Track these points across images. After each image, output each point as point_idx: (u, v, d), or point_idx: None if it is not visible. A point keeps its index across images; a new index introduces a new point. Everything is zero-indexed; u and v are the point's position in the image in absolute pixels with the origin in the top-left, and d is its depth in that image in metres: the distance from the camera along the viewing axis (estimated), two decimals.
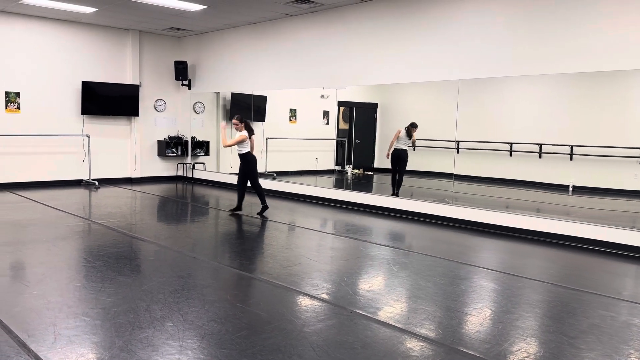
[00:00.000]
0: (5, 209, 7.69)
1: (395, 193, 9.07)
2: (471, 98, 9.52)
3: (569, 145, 8.89)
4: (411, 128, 9.11)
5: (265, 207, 7.75)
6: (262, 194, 7.80)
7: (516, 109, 9.84)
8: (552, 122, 9.36)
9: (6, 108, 9.84)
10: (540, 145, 9.34)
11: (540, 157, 9.40)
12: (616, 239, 6.01)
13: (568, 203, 8.94)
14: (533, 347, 3.28)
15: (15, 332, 3.23)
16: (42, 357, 2.91)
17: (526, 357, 3.11)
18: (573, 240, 6.30)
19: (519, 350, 3.21)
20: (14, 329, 3.28)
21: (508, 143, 9.82)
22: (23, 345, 3.05)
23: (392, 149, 9.17)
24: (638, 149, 7.69)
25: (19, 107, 9.97)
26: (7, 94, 9.84)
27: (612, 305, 4.12)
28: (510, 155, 9.85)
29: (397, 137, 9.06)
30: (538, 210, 8.44)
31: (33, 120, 10.12)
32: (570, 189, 8.99)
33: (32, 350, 2.98)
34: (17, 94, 9.94)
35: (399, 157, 9.17)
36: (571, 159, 8.97)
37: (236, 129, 7.67)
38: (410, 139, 9.15)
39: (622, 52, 5.92)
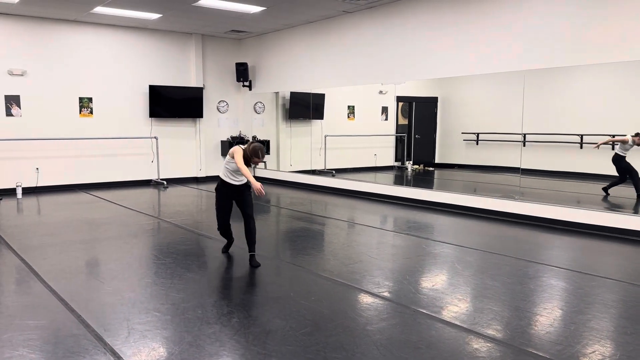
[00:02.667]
0: (81, 209, 8.16)
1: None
2: (538, 89, 9.15)
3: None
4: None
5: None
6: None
7: (586, 99, 9.36)
8: (626, 111, 8.83)
9: (80, 113, 10.42)
10: (613, 137, 8.84)
11: (613, 148, 8.90)
12: None
13: (623, 194, 8.41)
14: (608, 349, 3.11)
15: (93, 326, 3.42)
16: (117, 350, 3.07)
17: (601, 359, 2.96)
18: None
19: (593, 352, 3.06)
20: (91, 323, 3.47)
21: (578, 135, 9.37)
22: (99, 339, 3.22)
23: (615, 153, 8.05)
24: None
25: (91, 112, 10.53)
26: (81, 99, 10.41)
27: None
28: (581, 147, 9.39)
29: (622, 142, 7.93)
30: (612, 205, 7.99)
31: (105, 124, 10.66)
32: None
33: (108, 344, 3.15)
34: (90, 99, 10.50)
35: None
36: None
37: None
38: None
39: None
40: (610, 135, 8.65)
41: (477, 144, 11.41)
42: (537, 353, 3.04)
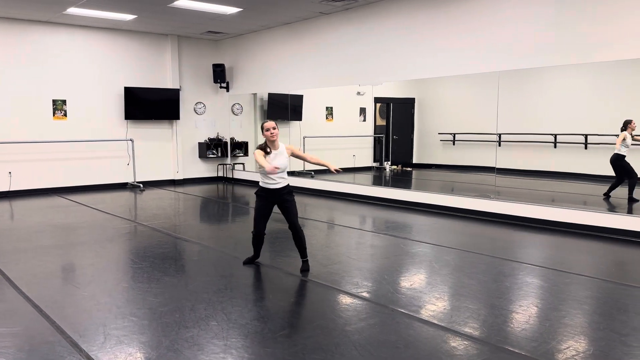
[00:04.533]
0: (55, 213, 8.01)
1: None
2: (512, 90, 9.30)
3: (615, 135, 8.56)
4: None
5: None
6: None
7: (560, 99, 9.55)
8: (598, 111, 9.04)
9: (54, 115, 10.24)
10: (586, 136, 9.03)
11: (586, 148, 9.10)
12: None
13: (616, 195, 8.61)
14: (582, 345, 3.18)
15: (68, 332, 3.36)
16: (92, 356, 3.02)
17: (575, 355, 3.02)
18: (622, 233, 6.07)
19: (568, 348, 3.12)
20: (66, 329, 3.41)
21: (552, 134, 9.55)
22: (75, 346, 3.17)
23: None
24: None
25: (65, 114, 10.35)
26: (55, 101, 10.23)
27: None
28: (555, 146, 9.57)
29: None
30: (585, 203, 8.16)
31: (79, 126, 10.49)
32: None
33: (84, 350, 3.10)
34: (64, 102, 10.32)
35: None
36: None
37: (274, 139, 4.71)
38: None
39: None
40: (583, 135, 8.84)
41: (454, 144, 11.55)
42: (513, 350, 3.09)
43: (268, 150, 4.67)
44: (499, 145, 9.32)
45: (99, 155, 10.80)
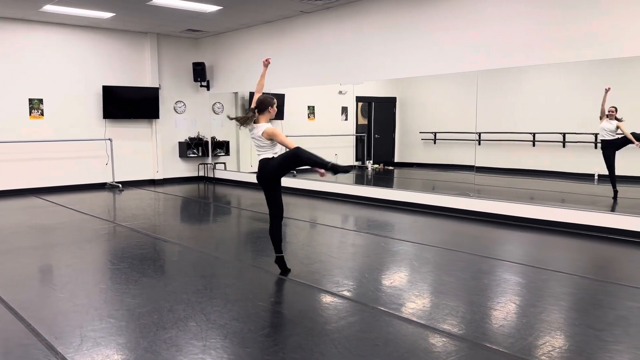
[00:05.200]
0: (32, 214, 7.87)
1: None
2: (491, 89, 9.40)
3: (592, 134, 8.70)
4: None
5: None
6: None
7: (538, 98, 9.68)
8: (576, 110, 9.18)
9: (30, 114, 10.05)
10: (564, 135, 9.17)
11: (564, 146, 9.24)
12: None
13: (594, 192, 8.76)
14: (558, 340, 3.22)
15: (43, 335, 3.30)
16: (69, 359, 2.97)
17: (551, 350, 3.06)
18: (599, 230, 6.17)
19: (544, 344, 3.16)
20: (41, 332, 3.35)
21: (530, 133, 9.67)
22: (51, 348, 3.12)
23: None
24: None
25: (42, 114, 10.18)
26: (31, 100, 10.05)
27: (639, 296, 4.03)
28: (533, 145, 9.70)
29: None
30: (563, 201, 8.29)
31: (56, 126, 10.32)
32: (596, 178, 8.81)
33: (60, 353, 3.05)
34: (40, 101, 10.14)
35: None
36: (596, 147, 8.77)
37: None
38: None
39: None
40: (560, 134, 8.97)
41: (435, 143, 11.64)
42: (490, 346, 3.12)
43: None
44: (479, 144, 9.42)
45: (76, 155, 10.64)
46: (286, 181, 10.50)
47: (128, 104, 11.06)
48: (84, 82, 10.64)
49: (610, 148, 7.50)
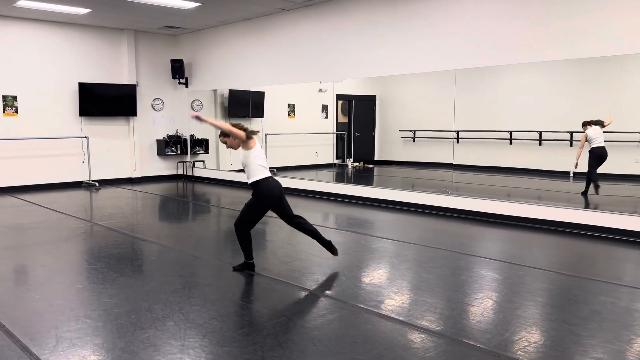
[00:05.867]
0: (7, 213, 7.71)
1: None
2: (469, 87, 9.50)
3: (569, 132, 8.86)
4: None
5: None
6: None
7: (515, 97, 9.81)
8: (552, 108, 9.33)
9: (4, 112, 9.85)
10: (540, 133, 9.31)
11: (540, 144, 9.38)
12: (617, 224, 6.00)
13: (569, 190, 8.92)
14: (534, 335, 3.28)
15: (18, 336, 3.24)
16: None
17: (527, 345, 3.11)
18: (574, 227, 6.29)
19: (520, 339, 3.21)
20: (16, 333, 3.29)
21: (508, 131, 9.80)
22: (25, 350, 3.06)
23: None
24: (637, 134, 7.66)
25: (16, 111, 9.97)
26: (5, 97, 9.84)
27: (613, 291, 4.12)
28: (510, 143, 9.83)
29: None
30: (539, 198, 8.42)
31: (31, 124, 10.12)
32: (571, 175, 8.96)
33: (34, 354, 2.99)
34: (15, 98, 9.94)
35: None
36: (571, 145, 8.94)
37: (227, 145, 4.74)
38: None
39: (617, 38, 5.88)
40: (537, 132, 9.10)
41: (414, 141, 11.72)
42: (468, 342, 3.16)
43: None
44: (457, 142, 9.52)
45: (52, 153, 10.45)
46: None
47: (105, 102, 10.90)
48: (60, 79, 10.45)
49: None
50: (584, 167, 7.71)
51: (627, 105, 8.12)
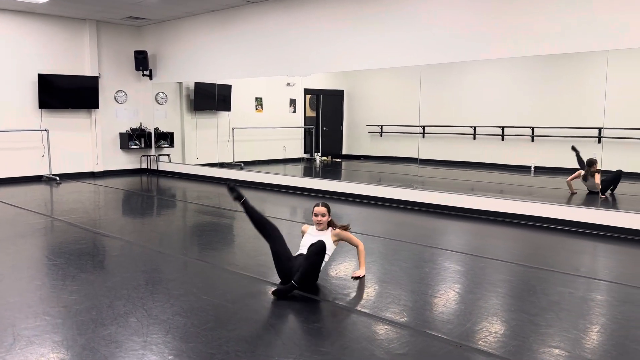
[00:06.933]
0: None
1: None
2: (435, 83, 9.62)
3: (530, 127, 9.09)
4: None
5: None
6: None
7: (479, 93, 9.99)
8: (514, 105, 9.54)
9: None
10: (503, 128, 9.52)
11: (502, 139, 9.59)
12: (575, 217, 6.20)
13: (530, 184, 9.16)
14: (495, 325, 3.36)
15: None
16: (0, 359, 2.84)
17: (488, 335, 3.19)
18: (535, 219, 6.47)
19: (481, 329, 3.29)
20: None
21: (471, 127, 9.98)
22: None
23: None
24: (595, 129, 7.91)
25: None
26: None
27: (570, 282, 4.25)
28: (474, 138, 10.02)
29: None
30: (501, 192, 8.62)
31: None
32: (532, 169, 9.20)
33: None
34: None
35: None
36: (532, 140, 9.18)
37: (320, 227, 4.32)
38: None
39: (578, 35, 6.05)
40: (499, 127, 9.30)
41: (381, 135, 11.82)
42: (430, 332, 3.21)
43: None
44: (423, 137, 9.64)
45: (10, 147, 10.11)
46: (233, 173, 10.41)
47: (66, 93, 10.60)
48: (18, 70, 10.11)
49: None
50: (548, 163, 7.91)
51: (585, 101, 8.38)
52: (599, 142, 7.82)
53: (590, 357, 2.93)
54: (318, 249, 3.84)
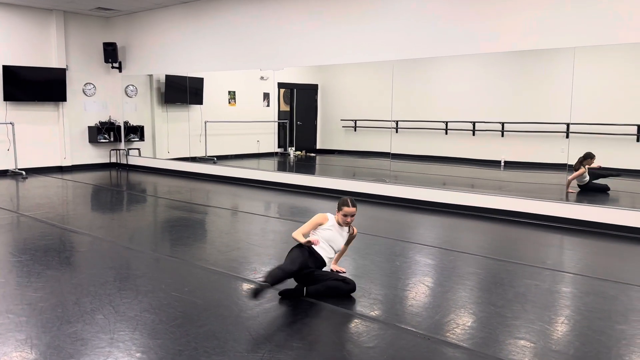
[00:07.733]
0: None
1: None
2: (408, 79, 9.68)
3: (500, 122, 9.22)
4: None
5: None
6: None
7: (450, 88, 10.09)
8: (484, 100, 9.67)
9: None
10: (474, 123, 9.64)
11: (473, 134, 9.71)
12: (543, 211, 6.33)
13: (500, 178, 9.30)
14: (463, 318, 3.41)
15: None
16: None
17: (455, 327, 3.23)
18: (504, 213, 6.58)
19: (450, 321, 3.33)
20: None
21: (443, 122, 10.08)
22: None
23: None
24: (564, 124, 8.08)
25: None
26: None
27: (536, 274, 4.34)
28: (446, 133, 10.12)
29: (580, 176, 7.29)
30: (472, 186, 8.73)
31: None
32: (502, 164, 9.35)
33: None
34: None
35: None
36: (502, 135, 9.31)
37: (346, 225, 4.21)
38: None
39: (545, 32, 6.15)
40: (470, 122, 9.41)
41: (355, 130, 11.83)
42: (400, 325, 3.24)
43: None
44: (396, 131, 9.69)
45: None
46: (206, 168, 10.31)
47: (32, 86, 10.32)
48: None
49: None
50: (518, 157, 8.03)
51: (553, 97, 8.54)
52: (567, 137, 7.99)
53: (555, 347, 3.00)
54: (349, 287, 3.78)
